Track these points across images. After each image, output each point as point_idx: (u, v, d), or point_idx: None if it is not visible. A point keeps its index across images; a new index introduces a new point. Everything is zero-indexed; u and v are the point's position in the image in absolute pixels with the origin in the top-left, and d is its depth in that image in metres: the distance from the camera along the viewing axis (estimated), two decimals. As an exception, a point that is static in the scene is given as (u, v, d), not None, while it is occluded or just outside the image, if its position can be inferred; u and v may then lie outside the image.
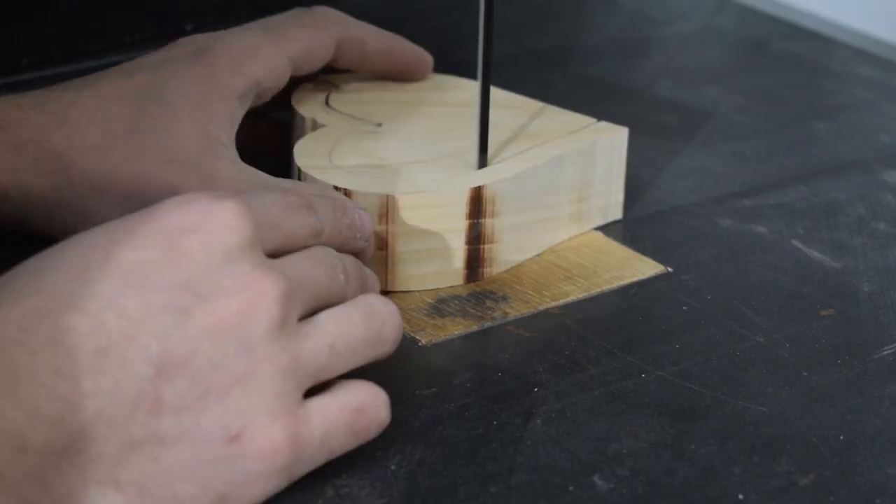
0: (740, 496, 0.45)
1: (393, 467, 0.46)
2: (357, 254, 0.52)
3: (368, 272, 0.51)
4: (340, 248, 0.50)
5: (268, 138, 0.64)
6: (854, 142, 0.73)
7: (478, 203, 0.56)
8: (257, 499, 0.43)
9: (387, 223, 0.55)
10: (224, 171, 0.55)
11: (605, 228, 0.62)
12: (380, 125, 0.61)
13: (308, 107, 0.62)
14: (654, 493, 0.45)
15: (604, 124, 0.62)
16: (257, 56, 0.58)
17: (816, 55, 0.85)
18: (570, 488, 0.45)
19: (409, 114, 0.62)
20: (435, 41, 0.86)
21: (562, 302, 0.56)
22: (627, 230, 0.62)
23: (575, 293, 0.57)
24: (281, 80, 0.59)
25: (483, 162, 0.57)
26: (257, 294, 0.43)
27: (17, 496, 0.40)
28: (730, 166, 0.69)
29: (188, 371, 0.42)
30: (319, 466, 0.45)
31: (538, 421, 0.49)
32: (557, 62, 0.83)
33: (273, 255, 0.45)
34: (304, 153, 0.57)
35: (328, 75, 0.64)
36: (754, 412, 0.50)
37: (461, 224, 0.56)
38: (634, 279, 0.58)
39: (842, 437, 0.48)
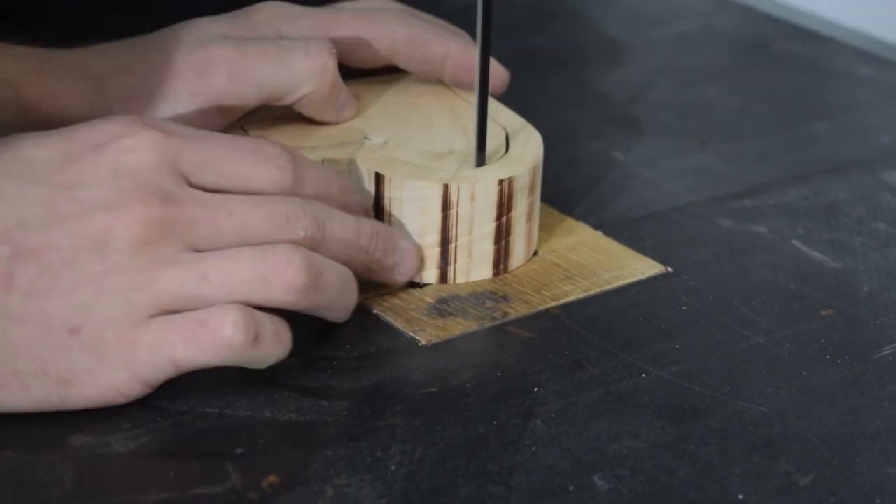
0: (740, 496, 0.45)
1: (393, 467, 0.46)
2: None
3: (402, 246, 0.53)
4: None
5: None
6: (854, 142, 0.73)
7: (508, 196, 0.56)
8: (103, 391, 0.46)
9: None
10: None
11: (605, 228, 0.62)
12: (368, 138, 0.59)
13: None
14: (654, 493, 0.45)
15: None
16: (293, 23, 0.59)
17: (816, 55, 0.85)
18: (570, 488, 0.45)
19: (393, 121, 0.60)
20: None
21: (562, 302, 0.56)
22: (627, 230, 0.62)
23: (575, 293, 0.57)
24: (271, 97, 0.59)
25: (481, 160, 0.57)
26: (127, 212, 0.46)
27: None
28: (730, 166, 0.69)
29: (41, 260, 0.45)
30: (319, 466, 0.45)
31: (538, 421, 0.49)
32: (557, 62, 0.83)
33: (212, 190, 0.48)
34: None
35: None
36: (754, 412, 0.50)
37: (491, 219, 0.56)
38: (634, 279, 0.58)
39: (842, 437, 0.48)
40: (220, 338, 0.47)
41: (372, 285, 0.55)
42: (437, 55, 0.62)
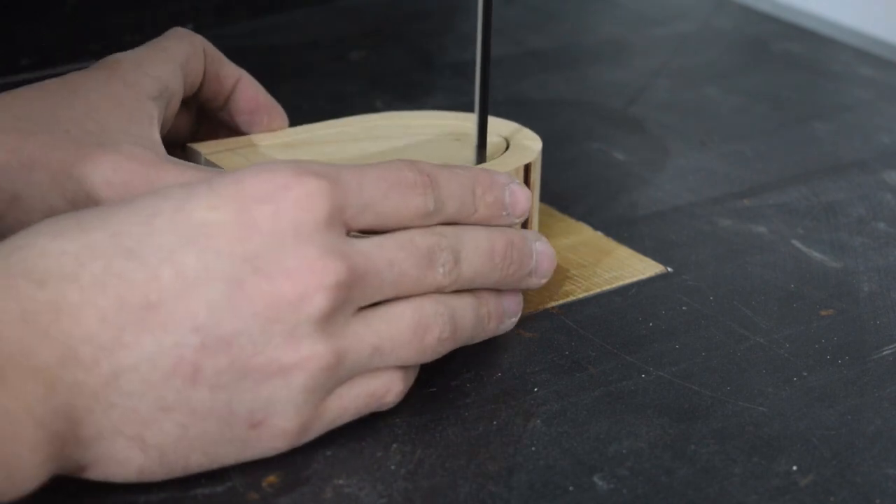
0: (741, 498, 0.45)
1: (393, 467, 0.46)
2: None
3: (537, 249, 0.50)
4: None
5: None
6: (854, 142, 0.73)
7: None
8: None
9: None
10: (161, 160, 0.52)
11: (605, 228, 0.62)
12: None
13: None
14: (654, 493, 0.45)
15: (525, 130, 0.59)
16: (156, 60, 0.56)
17: (816, 55, 0.85)
18: (570, 488, 0.45)
19: (349, 147, 0.58)
20: (435, 41, 0.87)
21: (562, 302, 0.56)
22: (627, 230, 0.62)
23: (575, 293, 0.57)
24: (180, 87, 0.57)
25: (482, 158, 0.57)
26: (314, 281, 0.42)
27: (46, 432, 0.40)
28: (730, 166, 0.69)
29: (232, 350, 0.42)
30: (319, 466, 0.45)
31: (538, 421, 0.49)
32: (557, 62, 0.83)
33: (367, 233, 0.45)
34: None
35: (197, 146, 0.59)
36: (754, 412, 0.50)
37: None
38: (634, 279, 0.58)
39: (842, 437, 0.48)
40: (384, 406, 0.47)
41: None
42: (230, 73, 0.59)
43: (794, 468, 0.47)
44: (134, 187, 0.50)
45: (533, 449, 0.47)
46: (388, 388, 0.46)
